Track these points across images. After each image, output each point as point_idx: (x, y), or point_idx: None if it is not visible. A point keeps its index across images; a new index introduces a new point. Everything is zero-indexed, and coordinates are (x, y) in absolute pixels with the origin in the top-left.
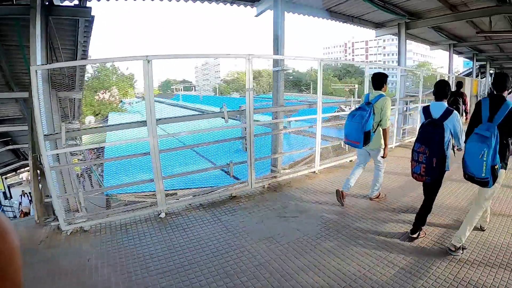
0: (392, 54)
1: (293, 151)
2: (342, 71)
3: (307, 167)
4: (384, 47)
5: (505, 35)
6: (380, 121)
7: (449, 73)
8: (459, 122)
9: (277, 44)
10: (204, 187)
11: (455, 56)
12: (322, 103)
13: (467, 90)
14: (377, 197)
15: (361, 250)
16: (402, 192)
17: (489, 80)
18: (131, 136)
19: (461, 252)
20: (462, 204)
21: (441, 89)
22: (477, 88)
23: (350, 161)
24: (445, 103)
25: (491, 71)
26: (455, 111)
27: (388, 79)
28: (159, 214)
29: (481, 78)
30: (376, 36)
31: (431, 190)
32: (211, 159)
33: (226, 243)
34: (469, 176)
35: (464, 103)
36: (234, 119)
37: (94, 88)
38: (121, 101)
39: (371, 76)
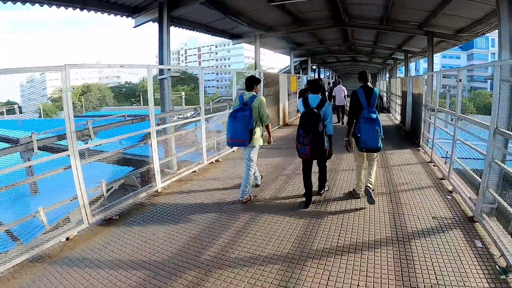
0: (224, 59)
1: None
2: (174, 78)
3: None
4: (217, 53)
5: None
6: (261, 118)
7: (255, 69)
8: (330, 110)
9: None
10: None
11: (271, 52)
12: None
13: (282, 88)
14: (248, 200)
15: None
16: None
17: (313, 75)
18: None
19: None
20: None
21: (315, 84)
22: (296, 85)
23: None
24: (320, 95)
25: (314, 66)
26: (328, 101)
27: None
28: None
29: (304, 75)
30: (135, 26)
31: (322, 164)
32: None
33: None
34: (367, 148)
35: None
36: None
37: None
38: None
39: (245, 79)
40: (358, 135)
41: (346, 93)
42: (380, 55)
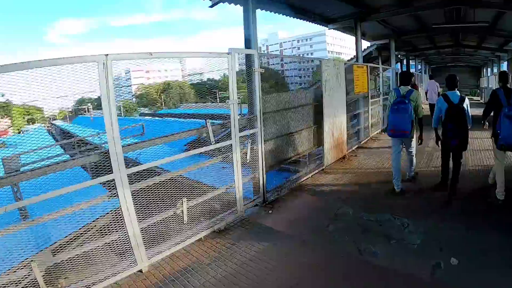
0: (307, 54)
1: None
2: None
3: None
4: (299, 48)
5: None
6: (416, 111)
7: (251, 48)
8: (469, 105)
9: None
10: None
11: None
12: None
13: (333, 89)
14: (416, 174)
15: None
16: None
17: (399, 67)
18: None
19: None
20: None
21: (452, 82)
22: (367, 83)
23: None
24: (456, 91)
25: (401, 55)
26: (466, 97)
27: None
28: None
29: (388, 66)
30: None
31: (460, 155)
32: None
33: None
34: (507, 146)
35: None
36: None
37: None
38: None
39: (399, 74)
40: (498, 131)
41: (439, 90)
42: (501, 32)
